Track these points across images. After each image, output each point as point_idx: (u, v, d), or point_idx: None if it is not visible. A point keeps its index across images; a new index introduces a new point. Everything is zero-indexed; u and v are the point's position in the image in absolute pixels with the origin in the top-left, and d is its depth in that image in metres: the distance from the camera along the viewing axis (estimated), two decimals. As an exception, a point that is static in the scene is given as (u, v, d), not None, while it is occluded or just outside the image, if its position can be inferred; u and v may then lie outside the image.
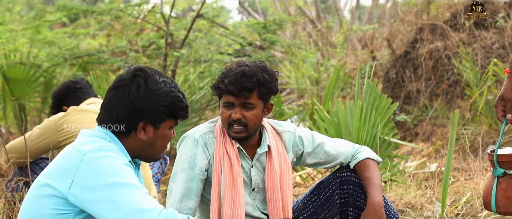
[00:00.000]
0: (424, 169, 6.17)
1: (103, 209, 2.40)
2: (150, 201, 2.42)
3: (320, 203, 3.33)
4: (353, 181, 3.26)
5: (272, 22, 7.41)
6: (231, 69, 3.12)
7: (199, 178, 3.14)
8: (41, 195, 2.48)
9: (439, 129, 7.89)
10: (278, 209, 3.21)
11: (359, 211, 3.26)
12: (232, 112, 3.11)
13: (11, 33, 8.01)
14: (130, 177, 2.45)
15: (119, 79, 2.58)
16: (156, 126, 2.58)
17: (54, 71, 7.95)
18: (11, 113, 8.04)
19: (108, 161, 2.45)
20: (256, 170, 3.24)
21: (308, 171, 5.63)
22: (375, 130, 5.19)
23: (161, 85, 2.56)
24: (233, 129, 3.12)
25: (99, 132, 2.58)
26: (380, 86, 5.55)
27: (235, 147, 3.17)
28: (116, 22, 8.19)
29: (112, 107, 2.55)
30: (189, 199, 3.13)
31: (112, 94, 2.57)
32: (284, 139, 3.31)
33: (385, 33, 10.16)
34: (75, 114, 4.22)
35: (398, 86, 8.59)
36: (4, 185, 4.22)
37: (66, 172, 2.45)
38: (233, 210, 3.12)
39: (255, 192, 3.25)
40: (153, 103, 2.54)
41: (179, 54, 7.17)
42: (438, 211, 4.47)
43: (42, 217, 2.46)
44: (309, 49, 8.52)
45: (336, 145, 3.35)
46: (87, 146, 2.49)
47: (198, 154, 3.14)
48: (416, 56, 8.50)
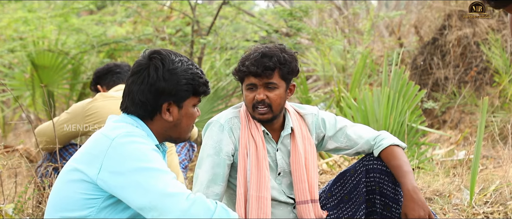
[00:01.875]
0: (452, 156, 6.13)
1: (131, 193, 2.42)
2: (178, 185, 2.44)
3: (347, 191, 3.32)
4: (379, 169, 3.25)
5: (298, 9, 7.38)
6: (250, 52, 3.15)
7: (225, 163, 3.16)
8: (71, 179, 2.51)
9: (468, 116, 7.82)
10: (305, 190, 3.22)
11: (385, 199, 3.24)
12: (255, 93, 3.13)
13: (39, 20, 8.07)
14: (158, 162, 2.47)
15: (136, 65, 2.60)
16: (180, 105, 2.60)
17: (81, 58, 8.01)
18: (40, 99, 8.12)
19: (135, 146, 2.47)
20: (281, 154, 3.25)
21: (334, 158, 5.62)
22: (403, 117, 5.15)
23: (178, 64, 2.58)
24: (258, 111, 3.14)
25: (126, 117, 2.61)
26: (408, 73, 5.50)
27: (261, 131, 3.18)
28: (143, 9, 8.21)
29: (134, 93, 2.57)
30: (215, 184, 3.14)
31: (131, 80, 2.59)
32: (307, 121, 3.32)
33: (412, 19, 10.07)
34: (102, 100, 4.25)
35: (425, 73, 8.52)
36: (34, 170, 4.26)
37: (95, 157, 2.48)
38: (260, 193, 3.14)
39: (281, 176, 3.26)
40: (173, 82, 2.56)
41: (205, 41, 7.18)
42: (466, 199, 4.44)
43: (72, 201, 2.49)
44: (336, 36, 8.47)
45: (358, 130, 3.34)
46: (115, 132, 2.51)
47: (223, 139, 3.15)
48: (444, 43, 8.42)
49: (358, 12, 9.19)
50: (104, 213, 2.50)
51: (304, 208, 3.21)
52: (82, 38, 7.96)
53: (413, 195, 3.06)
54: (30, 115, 8.99)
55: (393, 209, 3.24)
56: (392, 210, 3.25)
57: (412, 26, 9.78)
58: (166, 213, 2.39)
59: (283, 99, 3.17)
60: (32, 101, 8.23)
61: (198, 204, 2.41)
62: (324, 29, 7.97)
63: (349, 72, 8.09)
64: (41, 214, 3.99)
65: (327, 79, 9.25)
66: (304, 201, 3.21)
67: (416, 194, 3.06)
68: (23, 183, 4.70)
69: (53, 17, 8.13)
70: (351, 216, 3.30)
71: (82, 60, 8.02)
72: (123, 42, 7.76)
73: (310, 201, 3.22)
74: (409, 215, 3.04)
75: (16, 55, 8.14)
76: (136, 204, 2.42)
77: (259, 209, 3.14)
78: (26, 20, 8.07)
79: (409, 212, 3.05)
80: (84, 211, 2.49)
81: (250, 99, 3.14)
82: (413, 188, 3.07)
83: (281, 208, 3.27)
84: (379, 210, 3.26)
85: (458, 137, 7.01)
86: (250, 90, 3.14)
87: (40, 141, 4.32)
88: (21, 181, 4.99)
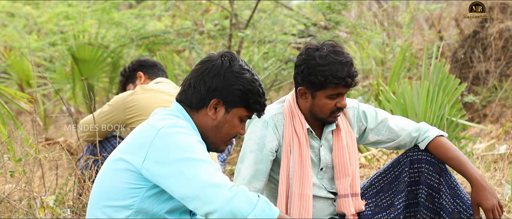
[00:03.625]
0: (493, 151, 6.04)
1: (175, 183, 2.44)
2: (221, 176, 2.45)
3: (388, 182, 3.30)
4: (425, 160, 3.22)
5: (337, 2, 7.34)
6: (331, 60, 3.05)
7: (268, 159, 3.16)
8: (116, 168, 2.55)
9: (509, 110, 7.70)
10: (346, 184, 3.21)
11: (430, 190, 3.21)
12: (336, 101, 3.10)
13: (80, 14, 8.17)
14: (202, 153, 2.49)
15: (207, 57, 2.65)
16: (227, 109, 2.61)
17: (121, 51, 8.09)
18: (80, 92, 8.23)
19: (181, 137, 2.49)
20: (324, 150, 3.24)
21: (373, 151, 5.59)
22: (442, 111, 5.10)
23: (245, 72, 2.60)
24: (334, 115, 3.13)
25: (174, 110, 2.63)
26: (448, 66, 5.45)
27: (305, 128, 3.17)
28: (182, 3, 8.25)
29: (193, 78, 2.60)
30: (257, 180, 3.15)
31: (196, 67, 2.63)
32: (348, 115, 3.30)
33: (453, 12, 9.94)
34: (142, 93, 4.29)
35: (466, 66, 8.41)
36: (74, 162, 4.32)
37: (140, 147, 2.51)
38: (302, 190, 3.14)
39: (323, 171, 3.25)
40: (230, 84, 2.57)
41: (243, 35, 7.19)
42: (508, 194, 4.38)
43: (116, 190, 2.53)
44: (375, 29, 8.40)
45: (399, 122, 3.31)
46: (162, 122, 2.54)
47: (267, 135, 3.15)
48: (486, 36, 8.30)
49: (397, 5, 9.11)
50: (147, 202, 2.53)
51: (344, 202, 3.21)
52: (122, 32, 8.04)
53: (483, 183, 3.06)
54: (71, 108, 9.11)
55: (435, 199, 3.22)
56: (434, 200, 3.22)
57: (452, 19, 9.65)
58: (209, 203, 2.40)
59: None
60: (73, 94, 8.34)
61: (240, 195, 2.41)
62: (363, 22, 7.91)
63: (388, 65, 8.03)
64: (81, 206, 4.05)
65: (365, 73, 9.19)
66: (345, 194, 3.20)
67: (485, 182, 3.07)
68: (64, 175, 4.77)
69: (93, 12, 8.22)
70: (389, 205, 3.28)
71: (121, 54, 8.10)
72: (162, 36, 7.81)
73: (351, 194, 3.21)
74: (484, 204, 3.04)
75: (57, 49, 8.25)
76: (179, 193, 2.44)
77: (301, 206, 3.14)
78: (67, 15, 8.18)
79: (483, 201, 3.05)
80: (128, 200, 2.52)
81: (331, 107, 3.11)
82: (480, 176, 3.08)
83: (322, 202, 3.26)
84: (422, 200, 3.23)
85: (499, 131, 6.90)
86: (332, 98, 3.11)
87: (81, 135, 4.37)
88: (62, 173, 5.06)
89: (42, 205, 3.86)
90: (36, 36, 9.75)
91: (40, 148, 4.06)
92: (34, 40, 8.83)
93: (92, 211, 2.60)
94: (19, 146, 4.26)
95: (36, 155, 3.98)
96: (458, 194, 3.16)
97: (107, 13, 8.09)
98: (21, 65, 9.38)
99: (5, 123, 4.11)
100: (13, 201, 3.98)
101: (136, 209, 2.53)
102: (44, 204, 3.86)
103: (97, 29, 8.13)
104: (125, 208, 2.52)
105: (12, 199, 4.02)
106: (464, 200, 3.17)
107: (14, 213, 3.92)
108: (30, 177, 3.96)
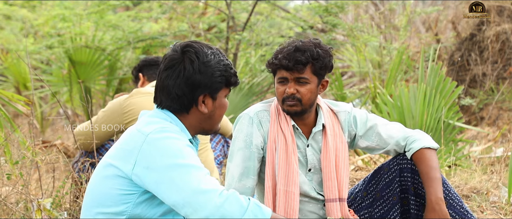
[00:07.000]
0: (490, 153, 6.05)
1: (165, 189, 2.44)
2: (211, 181, 2.44)
3: (379, 189, 3.28)
4: (412, 169, 3.20)
5: (334, 4, 7.34)
6: (284, 46, 3.15)
7: (256, 156, 3.16)
8: (106, 175, 2.53)
9: (506, 113, 7.71)
10: (334, 188, 3.19)
11: (420, 199, 3.19)
12: (286, 87, 3.12)
13: (76, 17, 8.17)
14: (192, 158, 2.48)
15: (169, 59, 2.60)
16: (214, 97, 2.63)
17: (118, 54, 8.09)
18: (77, 95, 8.22)
19: (170, 142, 2.48)
20: (312, 150, 3.23)
21: (370, 155, 5.59)
22: (439, 114, 5.10)
23: (211, 56, 2.60)
24: (286, 103, 3.13)
25: (160, 112, 2.61)
26: (445, 69, 5.44)
27: (290, 125, 3.17)
28: (178, 6, 8.25)
29: (170, 87, 2.58)
30: (247, 178, 3.15)
31: (166, 74, 2.59)
32: (340, 118, 3.29)
33: (449, 15, 9.95)
34: (138, 96, 4.28)
35: (463, 69, 8.42)
36: (71, 165, 4.31)
37: (129, 153, 2.50)
38: (288, 187, 3.13)
39: (312, 173, 3.24)
40: (208, 75, 2.58)
41: (240, 37, 7.19)
42: (504, 197, 4.38)
43: (108, 197, 2.51)
44: (372, 32, 8.41)
45: (389, 129, 3.27)
46: (150, 127, 2.53)
47: (253, 132, 3.16)
48: (482, 38, 8.31)
49: (394, 7, 9.11)
50: (140, 208, 2.52)
51: (331, 206, 3.19)
52: (119, 35, 8.04)
53: (435, 206, 2.99)
54: (68, 110, 9.10)
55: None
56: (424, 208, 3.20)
57: (449, 21, 9.66)
58: (200, 210, 2.40)
59: (314, 95, 3.15)
60: (70, 97, 8.34)
61: (231, 200, 2.42)
62: (359, 25, 7.92)
63: (385, 68, 8.03)
64: (78, 208, 4.04)
65: (362, 76, 9.19)
66: (333, 199, 3.19)
67: (438, 205, 2.99)
68: (61, 178, 4.76)
69: (90, 14, 8.22)
70: (383, 214, 3.27)
71: (118, 56, 8.10)
72: (159, 39, 7.81)
73: (338, 199, 3.20)
74: None
75: (54, 52, 8.25)
76: (169, 200, 2.44)
77: (287, 203, 3.13)
78: (63, 17, 8.18)
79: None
80: (120, 207, 2.51)
81: (281, 92, 3.14)
82: (436, 199, 3.00)
83: (312, 204, 3.25)
84: (414, 211, 3.22)
85: (496, 133, 6.91)
86: (281, 83, 3.14)
87: (78, 139, 4.36)
88: (59, 176, 5.05)
89: (39, 207, 3.85)
90: (33, 39, 9.75)
91: (37, 150, 4.05)
92: (31, 43, 8.84)
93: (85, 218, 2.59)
94: (16, 148, 4.26)
95: (33, 158, 3.97)
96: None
97: (103, 15, 8.09)
98: (18, 68, 9.38)
99: (2, 125, 4.10)
100: (10, 203, 3.97)
101: (129, 216, 2.52)
102: (41, 207, 3.85)
103: (94, 32, 8.13)
104: (118, 214, 2.51)
105: (9, 201, 4.01)
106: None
107: (11, 215, 3.91)
108: (27, 179, 3.95)
